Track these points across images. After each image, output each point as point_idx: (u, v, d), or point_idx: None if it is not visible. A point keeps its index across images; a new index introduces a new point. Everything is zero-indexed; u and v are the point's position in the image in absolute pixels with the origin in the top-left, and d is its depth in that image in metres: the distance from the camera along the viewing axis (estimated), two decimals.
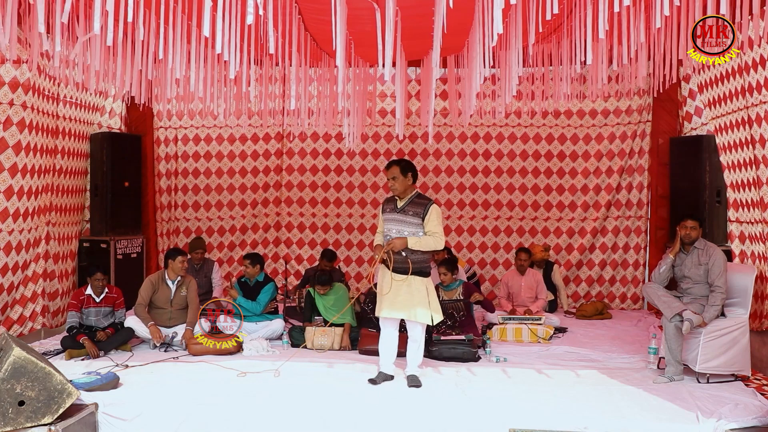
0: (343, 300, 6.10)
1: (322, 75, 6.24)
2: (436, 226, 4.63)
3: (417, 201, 4.70)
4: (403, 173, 4.68)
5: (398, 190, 4.70)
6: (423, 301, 4.61)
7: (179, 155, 8.45)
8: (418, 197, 4.74)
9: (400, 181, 4.68)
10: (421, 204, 4.68)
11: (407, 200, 4.72)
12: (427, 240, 4.61)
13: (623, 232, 8.03)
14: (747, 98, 5.31)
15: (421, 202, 4.69)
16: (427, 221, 4.62)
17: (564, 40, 5.25)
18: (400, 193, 4.71)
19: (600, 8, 3.29)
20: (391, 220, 4.72)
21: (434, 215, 4.64)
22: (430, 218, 4.63)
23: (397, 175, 4.68)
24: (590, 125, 8.07)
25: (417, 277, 4.63)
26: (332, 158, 8.51)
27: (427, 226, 4.63)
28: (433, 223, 4.62)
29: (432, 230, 4.62)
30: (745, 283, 4.85)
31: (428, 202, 4.70)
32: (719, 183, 6.42)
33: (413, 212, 4.65)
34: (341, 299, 6.11)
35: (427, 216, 4.63)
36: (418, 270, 4.64)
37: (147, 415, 4.10)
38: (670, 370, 4.76)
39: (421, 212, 4.64)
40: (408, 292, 4.62)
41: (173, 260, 5.94)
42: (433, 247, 4.64)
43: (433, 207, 4.67)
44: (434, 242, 4.62)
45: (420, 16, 4.50)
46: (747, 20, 3.96)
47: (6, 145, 5.70)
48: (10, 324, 6.00)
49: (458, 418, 3.98)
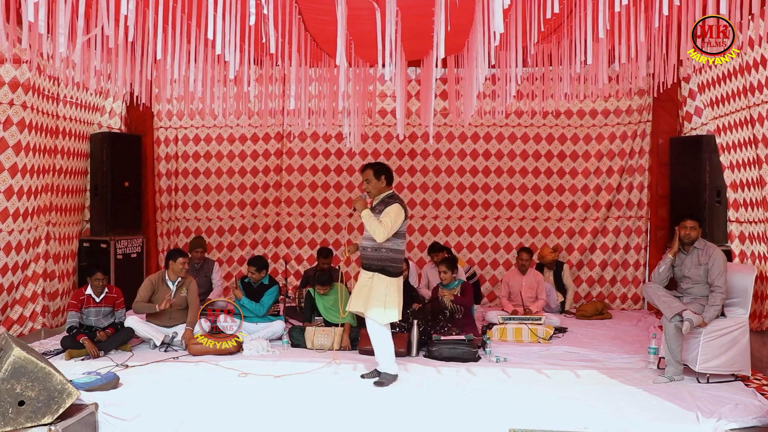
0: (343, 300, 6.10)
1: (322, 75, 6.24)
2: (387, 220, 4.62)
3: (386, 200, 4.75)
4: (377, 176, 4.78)
5: (372, 192, 4.80)
6: (379, 300, 4.63)
7: (179, 155, 8.45)
8: (389, 197, 4.77)
9: (374, 183, 4.77)
10: (387, 203, 4.72)
11: (379, 200, 4.79)
12: (375, 223, 4.63)
13: (623, 233, 8.03)
14: (749, 98, 5.30)
15: (388, 201, 4.73)
16: (384, 213, 4.65)
17: (564, 40, 5.25)
18: (374, 195, 4.81)
19: (600, 8, 3.29)
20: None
21: (390, 210, 4.65)
22: (386, 211, 4.65)
23: (371, 178, 4.77)
24: (590, 125, 8.07)
25: (380, 275, 4.67)
26: (332, 158, 8.51)
27: (382, 217, 4.65)
28: (386, 217, 4.64)
29: (382, 219, 4.64)
30: (745, 283, 4.85)
31: (394, 201, 4.72)
32: (719, 183, 6.42)
33: (379, 210, 4.72)
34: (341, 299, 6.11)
35: (386, 209, 4.66)
36: (381, 268, 4.68)
37: (147, 415, 4.10)
38: (670, 370, 4.76)
39: (383, 209, 4.70)
40: (369, 290, 4.69)
41: (174, 261, 5.93)
42: (373, 231, 4.62)
43: (394, 206, 4.68)
44: (379, 227, 4.61)
45: (420, 16, 4.50)
46: (747, 20, 3.95)
47: (6, 145, 5.70)
48: (10, 324, 6.00)
49: (458, 418, 3.98)
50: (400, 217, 4.67)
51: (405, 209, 4.74)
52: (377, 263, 4.70)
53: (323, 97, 6.34)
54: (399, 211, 4.66)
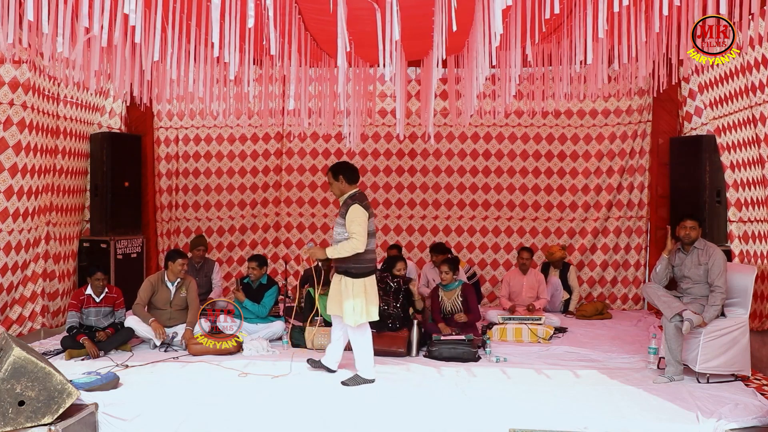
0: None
1: (322, 75, 6.24)
2: (355, 226, 4.58)
3: (347, 201, 4.71)
4: (335, 177, 4.78)
5: (335, 193, 4.83)
6: (347, 302, 4.64)
7: (179, 155, 8.45)
8: (351, 198, 4.72)
9: (334, 185, 4.79)
10: (347, 204, 4.68)
11: (342, 201, 4.78)
12: (344, 246, 4.59)
13: (624, 233, 8.03)
14: (750, 98, 5.31)
15: (348, 203, 4.68)
16: (348, 222, 4.61)
17: (564, 40, 5.24)
18: (338, 196, 4.82)
19: (600, 8, 3.28)
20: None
21: (352, 215, 4.60)
22: (349, 218, 4.61)
23: (330, 180, 4.81)
24: (590, 125, 8.07)
25: (345, 277, 4.68)
26: (332, 158, 8.50)
27: (348, 227, 4.61)
28: (352, 225, 4.58)
29: (351, 231, 4.59)
30: (745, 283, 4.85)
31: (353, 202, 4.66)
32: (719, 183, 6.42)
33: (342, 213, 4.70)
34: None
35: (348, 216, 4.62)
36: (344, 270, 4.69)
37: (147, 415, 4.10)
38: (670, 370, 4.76)
39: (344, 212, 4.66)
40: (338, 292, 4.73)
41: (173, 262, 5.93)
42: (350, 252, 4.58)
43: (353, 207, 4.62)
44: (350, 246, 4.58)
45: (420, 17, 4.50)
46: (747, 20, 3.95)
47: (6, 145, 5.70)
48: (10, 324, 6.00)
49: (458, 418, 3.98)
50: (363, 217, 4.62)
51: (366, 207, 4.69)
52: (342, 266, 4.71)
53: (323, 97, 6.34)
54: (361, 213, 4.62)
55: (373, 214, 4.86)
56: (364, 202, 4.72)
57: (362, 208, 4.63)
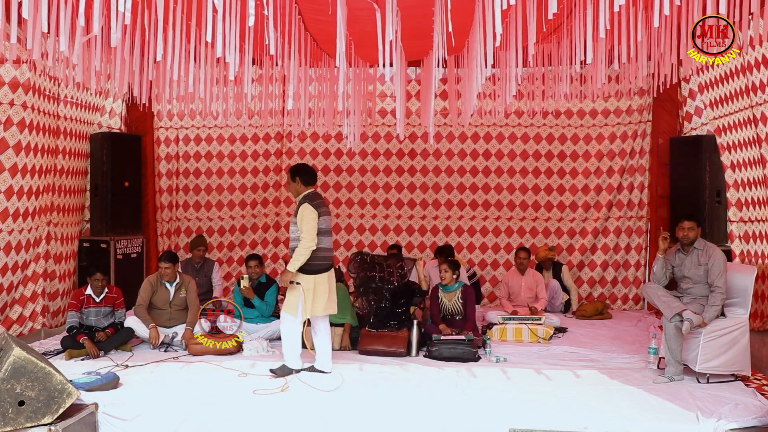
0: (343, 300, 6.10)
1: (322, 75, 6.24)
2: (303, 224, 4.73)
3: (300, 201, 4.88)
4: (292, 178, 4.95)
5: (292, 193, 5.00)
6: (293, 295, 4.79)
7: (179, 155, 8.45)
8: (304, 197, 4.88)
9: (291, 186, 4.98)
10: (299, 204, 4.86)
11: (297, 201, 4.95)
12: (298, 252, 4.73)
13: (624, 233, 8.03)
14: (751, 97, 5.31)
15: (300, 202, 4.86)
16: (298, 221, 4.77)
17: (564, 40, 5.24)
18: (295, 196, 4.98)
19: (600, 8, 3.28)
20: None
21: (302, 214, 4.77)
22: (299, 217, 4.78)
23: (288, 181, 4.97)
24: (590, 125, 8.07)
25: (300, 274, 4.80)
26: (332, 158, 8.51)
27: (299, 226, 4.76)
28: (302, 223, 4.75)
29: (300, 229, 4.75)
30: (745, 283, 4.85)
31: (304, 201, 4.83)
32: (719, 183, 6.42)
33: (295, 212, 4.88)
34: (341, 299, 6.10)
35: (298, 215, 4.79)
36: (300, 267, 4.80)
37: (147, 415, 4.10)
38: (671, 370, 4.76)
39: (297, 210, 4.84)
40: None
41: (159, 264, 5.97)
42: (306, 253, 4.73)
43: (303, 206, 4.79)
44: (303, 248, 4.73)
45: (420, 17, 4.50)
46: (747, 20, 3.95)
47: (6, 146, 5.70)
48: (10, 324, 6.00)
49: (458, 418, 3.98)
50: (311, 216, 4.75)
51: (317, 206, 4.81)
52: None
53: (323, 97, 6.34)
54: (309, 211, 4.76)
55: (327, 213, 4.98)
56: (315, 201, 4.86)
57: (312, 207, 4.78)
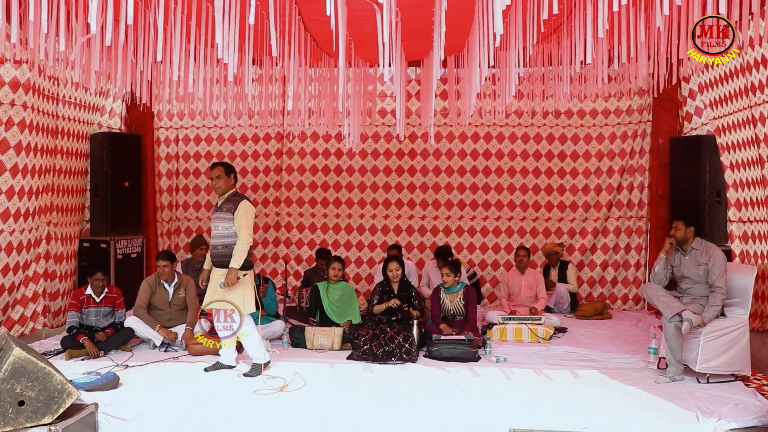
0: (348, 297, 6.14)
1: (322, 75, 6.24)
2: (245, 220, 4.88)
3: (233, 198, 5.00)
4: (227, 173, 5.05)
5: (221, 188, 5.02)
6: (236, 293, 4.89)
7: (180, 155, 8.46)
8: (235, 194, 5.05)
9: (223, 180, 5.02)
10: (234, 201, 4.96)
11: (225, 198, 5.01)
12: (239, 249, 4.85)
13: (624, 233, 8.03)
14: (750, 98, 5.31)
15: (235, 199, 4.98)
16: (239, 216, 4.88)
17: (564, 40, 5.25)
18: (222, 192, 5.03)
19: (600, 8, 3.29)
20: (213, 219, 5.06)
21: (243, 210, 4.90)
22: (239, 213, 4.89)
23: (221, 175, 5.00)
24: (590, 125, 8.07)
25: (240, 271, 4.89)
26: (332, 158, 8.51)
27: (238, 221, 4.87)
28: (243, 218, 4.88)
29: (240, 225, 4.87)
30: (745, 283, 4.85)
31: (241, 198, 4.99)
32: (719, 183, 6.41)
33: (227, 209, 4.94)
34: (347, 296, 6.16)
35: (238, 210, 4.90)
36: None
37: (147, 415, 4.10)
38: (672, 370, 4.76)
39: (233, 208, 4.92)
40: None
41: (157, 263, 5.98)
42: (246, 249, 4.87)
43: (244, 202, 4.94)
44: (244, 244, 4.86)
45: (420, 17, 4.50)
46: (747, 20, 3.95)
47: (7, 146, 5.70)
48: (12, 324, 6.00)
49: (458, 418, 3.98)
50: (251, 212, 4.97)
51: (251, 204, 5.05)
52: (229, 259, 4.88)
53: (323, 97, 6.34)
54: (249, 208, 4.94)
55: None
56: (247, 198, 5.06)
57: (250, 203, 4.99)
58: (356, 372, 5.05)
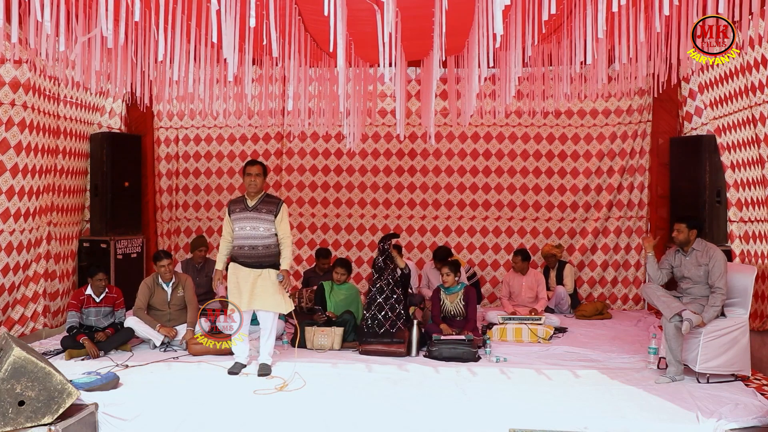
0: (353, 297, 6.17)
1: (322, 75, 6.24)
2: (287, 224, 5.08)
3: (273, 200, 5.13)
4: (265, 174, 5.16)
5: (258, 187, 5.07)
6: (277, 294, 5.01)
7: (180, 155, 8.46)
8: (269, 197, 5.16)
9: (261, 179, 5.10)
10: (274, 203, 5.09)
11: (260, 199, 5.09)
12: (288, 250, 5.06)
13: (624, 233, 8.02)
14: (750, 98, 5.31)
15: (274, 201, 5.12)
16: (280, 219, 5.03)
17: (564, 40, 5.25)
18: (257, 191, 5.08)
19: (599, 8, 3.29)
20: (243, 219, 5.05)
21: (284, 214, 5.08)
22: (282, 217, 5.05)
23: (261, 173, 5.09)
24: (590, 125, 8.07)
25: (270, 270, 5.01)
26: (332, 158, 8.51)
27: (280, 225, 5.02)
28: (285, 224, 5.06)
29: (284, 230, 5.04)
30: (745, 283, 4.85)
31: (279, 200, 5.14)
32: (719, 183, 6.41)
33: (267, 210, 5.03)
34: (351, 296, 6.18)
35: (279, 214, 5.04)
36: (272, 264, 5.03)
37: (147, 415, 4.11)
38: (672, 370, 4.76)
39: (274, 210, 5.04)
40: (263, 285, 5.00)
41: (155, 264, 5.96)
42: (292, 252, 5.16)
43: (284, 206, 5.12)
44: (291, 246, 5.15)
45: (420, 18, 4.50)
46: (747, 20, 3.95)
47: (8, 146, 5.71)
48: (12, 324, 6.01)
49: (458, 418, 3.98)
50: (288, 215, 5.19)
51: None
52: (269, 259, 5.02)
53: (323, 97, 6.34)
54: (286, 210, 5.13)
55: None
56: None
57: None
58: (356, 372, 5.05)
